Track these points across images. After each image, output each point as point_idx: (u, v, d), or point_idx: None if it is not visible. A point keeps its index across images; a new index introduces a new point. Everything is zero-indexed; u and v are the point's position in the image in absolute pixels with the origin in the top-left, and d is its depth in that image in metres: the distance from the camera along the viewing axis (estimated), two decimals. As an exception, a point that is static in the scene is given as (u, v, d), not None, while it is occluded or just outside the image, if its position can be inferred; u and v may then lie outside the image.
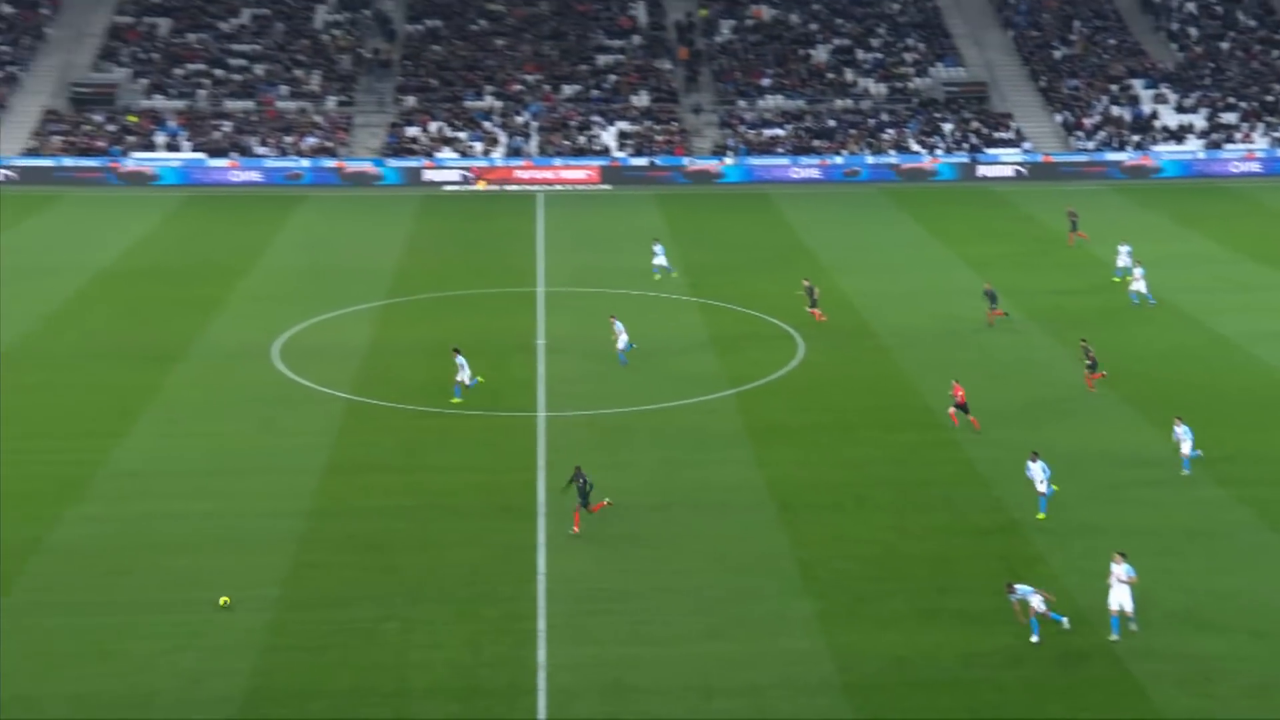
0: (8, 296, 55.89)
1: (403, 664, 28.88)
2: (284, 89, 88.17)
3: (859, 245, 66.56)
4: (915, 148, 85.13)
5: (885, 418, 42.73)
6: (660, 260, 59.01)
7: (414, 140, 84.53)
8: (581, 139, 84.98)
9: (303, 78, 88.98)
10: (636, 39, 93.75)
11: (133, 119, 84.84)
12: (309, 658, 29.12)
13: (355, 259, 63.15)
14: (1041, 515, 35.39)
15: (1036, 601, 29.54)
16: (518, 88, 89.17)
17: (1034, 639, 29.48)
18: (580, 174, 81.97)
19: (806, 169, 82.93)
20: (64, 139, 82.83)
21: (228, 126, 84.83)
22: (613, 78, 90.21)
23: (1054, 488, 35.75)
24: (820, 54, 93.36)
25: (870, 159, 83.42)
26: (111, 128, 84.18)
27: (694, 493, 37.25)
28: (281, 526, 34.98)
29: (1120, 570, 29.74)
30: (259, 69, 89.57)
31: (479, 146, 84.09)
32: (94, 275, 59.76)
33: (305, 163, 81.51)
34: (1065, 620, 29.85)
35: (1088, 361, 44.98)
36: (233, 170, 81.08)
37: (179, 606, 30.98)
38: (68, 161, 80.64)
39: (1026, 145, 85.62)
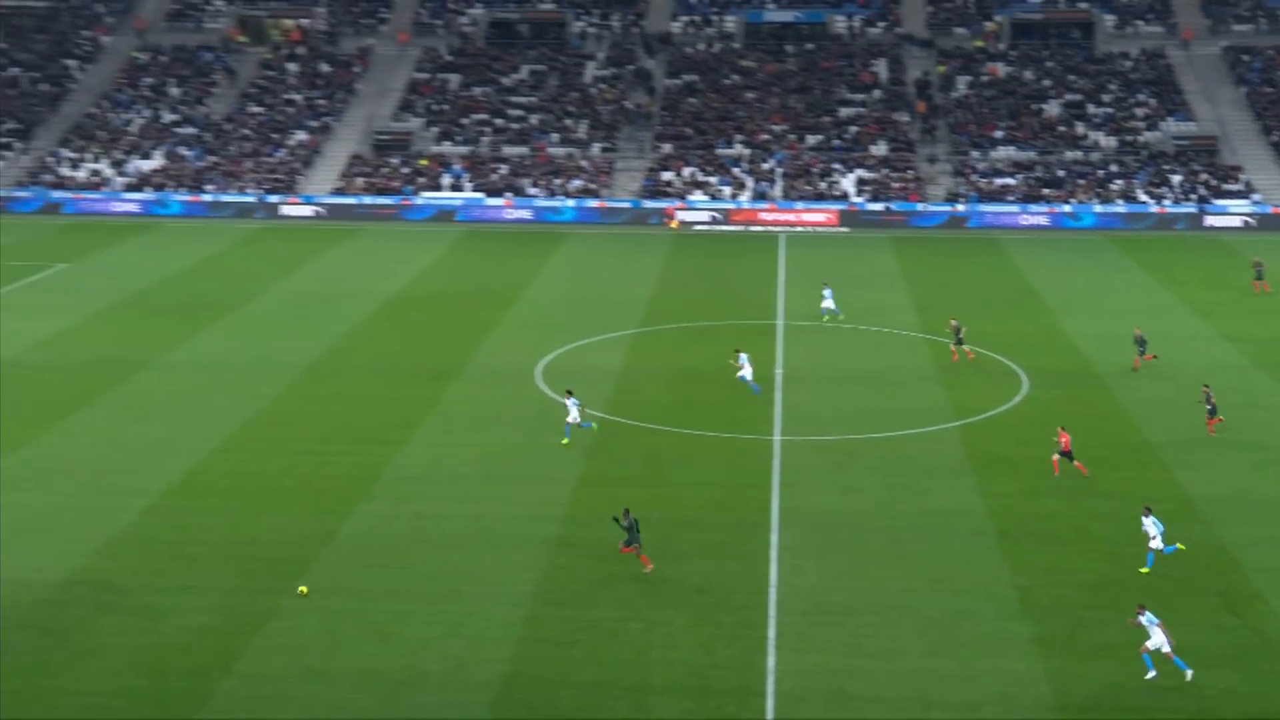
0: (314, 317, 58.56)
1: (643, 661, 29.14)
2: (555, 136, 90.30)
3: (1084, 289, 64.56)
4: (1143, 198, 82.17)
5: (1105, 453, 41.31)
6: (829, 303, 57.57)
7: (669, 184, 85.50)
8: (822, 185, 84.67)
9: (571, 126, 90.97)
10: (877, 93, 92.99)
11: (424, 163, 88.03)
12: (559, 651, 29.63)
13: (612, 291, 64.08)
14: (1145, 570, 33.03)
15: (1159, 639, 27.73)
16: (765, 137, 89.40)
17: (1149, 675, 27.88)
18: (820, 217, 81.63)
19: (1035, 216, 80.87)
20: (365, 180, 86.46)
21: (504, 169, 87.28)
22: (854, 129, 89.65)
23: (1178, 545, 33.51)
24: (1052, 108, 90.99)
25: (1098, 208, 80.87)
26: (405, 170, 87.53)
27: (917, 517, 36.66)
28: (539, 530, 35.71)
29: None
30: (534, 118, 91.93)
31: (727, 190, 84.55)
32: (384, 300, 62.06)
33: (571, 202, 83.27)
34: (1189, 672, 27.95)
35: (1208, 406, 42.69)
36: (507, 209, 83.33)
37: (448, 598, 31.92)
38: (367, 200, 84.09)
39: (1256, 197, 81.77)
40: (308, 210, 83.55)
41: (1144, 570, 33.21)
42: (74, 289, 63.90)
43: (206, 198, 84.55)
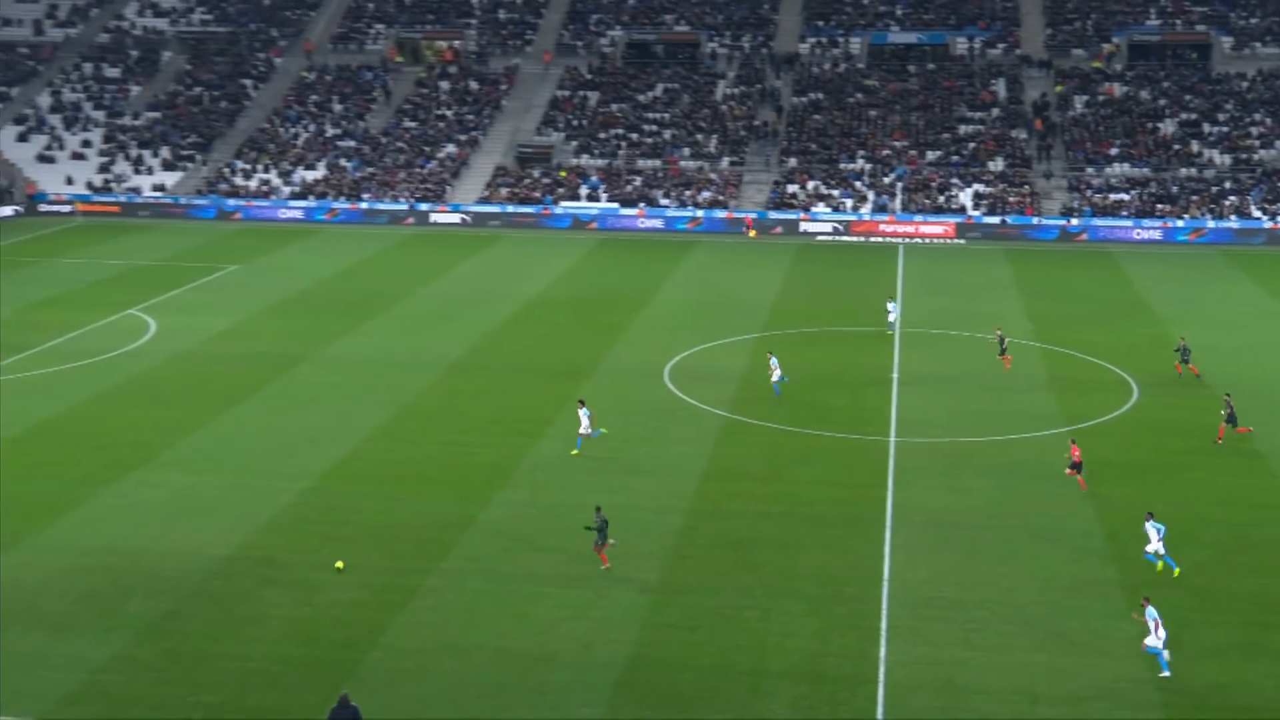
0: (459, 318, 59.35)
1: (760, 648, 28.97)
2: (686, 150, 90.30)
3: (1195, 301, 62.62)
4: (1256, 214, 79.39)
5: (1213, 461, 40.00)
6: (892, 317, 56.22)
7: (793, 196, 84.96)
8: (941, 198, 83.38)
9: (702, 141, 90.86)
10: (996, 111, 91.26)
11: (563, 174, 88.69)
12: (681, 635, 29.58)
13: (737, 297, 63.87)
14: (1174, 569, 32.08)
15: (1161, 635, 27.37)
16: (886, 152, 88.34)
17: (1164, 674, 27.45)
18: (938, 229, 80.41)
19: (1149, 230, 78.63)
20: (509, 190, 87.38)
21: (638, 181, 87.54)
22: (972, 145, 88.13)
23: (1176, 566, 32.16)
24: (1168, 127, 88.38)
25: (1211, 223, 78.35)
26: (546, 181, 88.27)
27: (1027, 518, 35.87)
28: (664, 521, 35.70)
29: None
30: (667, 133, 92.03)
31: (849, 203, 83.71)
32: (524, 303, 62.62)
33: (700, 213, 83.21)
34: (1168, 673, 27.25)
35: (1224, 413, 41.52)
36: (640, 218, 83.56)
37: (578, 582, 32.06)
38: (510, 208, 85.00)
39: (1369, 213, 78.57)
40: (455, 218, 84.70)
41: (1173, 570, 32.12)
42: (243, 288, 65.64)
43: (363, 205, 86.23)
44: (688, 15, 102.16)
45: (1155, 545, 32.28)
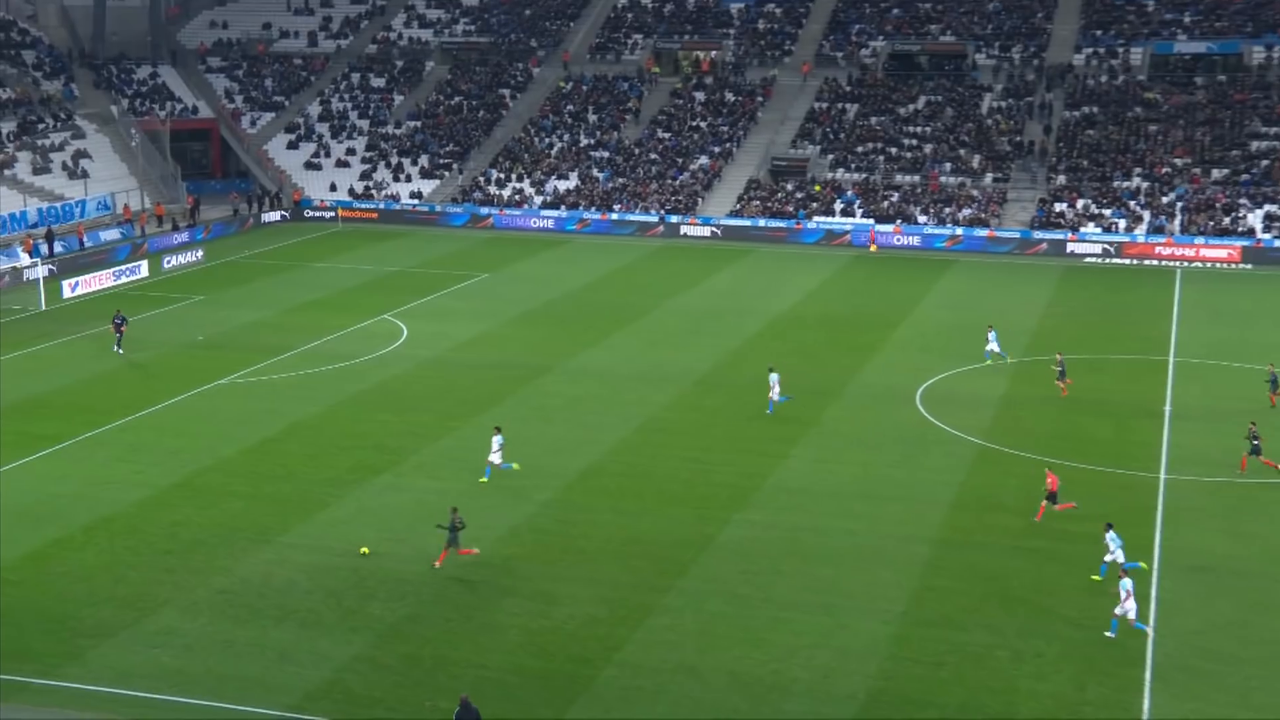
0: (705, 332, 59.67)
1: (1010, 690, 27.97)
2: (947, 166, 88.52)
3: None
4: None
5: None
6: (993, 346, 53.35)
7: (1060, 215, 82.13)
8: (1226, 220, 79.13)
9: (965, 157, 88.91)
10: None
11: (818, 188, 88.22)
12: (925, 671, 28.86)
13: (998, 319, 62.18)
14: (1098, 577, 32.64)
15: (1129, 605, 28.81)
16: (1166, 170, 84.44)
17: (1109, 634, 29.30)
18: (1221, 253, 76.32)
19: None
20: (761, 203, 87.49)
21: (895, 197, 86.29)
22: (1265, 163, 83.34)
23: (1140, 564, 32.96)
24: None
25: None
26: (799, 195, 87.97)
27: (1316, 570, 33.55)
28: (911, 550, 34.96)
29: None
30: (927, 148, 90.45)
31: (1122, 223, 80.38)
32: (772, 319, 62.48)
33: (959, 231, 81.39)
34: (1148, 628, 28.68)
35: (1253, 442, 39.45)
36: (895, 235, 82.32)
37: (818, 609, 31.68)
38: (761, 222, 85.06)
39: None
40: (705, 230, 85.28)
41: (1096, 578, 32.68)
42: (492, 296, 67.68)
43: (613, 216, 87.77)
44: (954, 25, 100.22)
45: (1117, 556, 32.62)
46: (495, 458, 40.01)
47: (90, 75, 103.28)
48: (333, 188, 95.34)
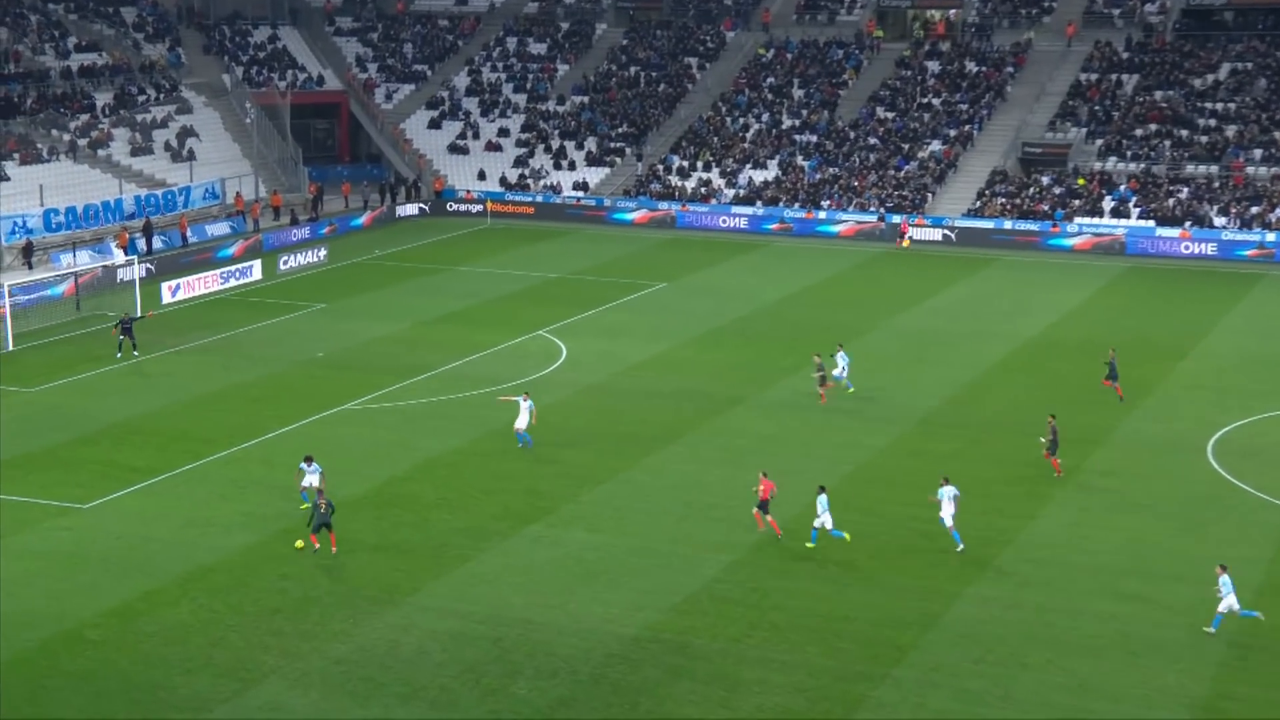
0: (934, 360, 59.01)
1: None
2: (1256, 153, 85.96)
3: None
4: None
5: None
6: (839, 371, 53.08)
7: (1403, 218, 79.15)
8: None
9: None
10: None
11: (1081, 182, 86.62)
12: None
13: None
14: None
15: (1230, 600, 32.29)
16: None
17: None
18: None
19: None
20: (1006, 200, 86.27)
21: (1184, 193, 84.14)
22: None
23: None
24: None
25: None
26: (1058, 190, 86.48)
27: None
28: (1201, 646, 33.92)
29: None
30: (1230, 130, 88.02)
31: None
32: (1020, 344, 61.50)
33: (1272, 236, 78.99)
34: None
35: None
36: (1183, 241, 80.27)
37: (1073, 713, 30.97)
38: (1007, 224, 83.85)
39: None
40: (935, 233, 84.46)
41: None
42: (670, 310, 68.07)
43: (821, 215, 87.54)
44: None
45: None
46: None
47: (199, 38, 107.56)
48: (481, 176, 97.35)
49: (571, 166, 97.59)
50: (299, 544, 39.27)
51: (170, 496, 43.89)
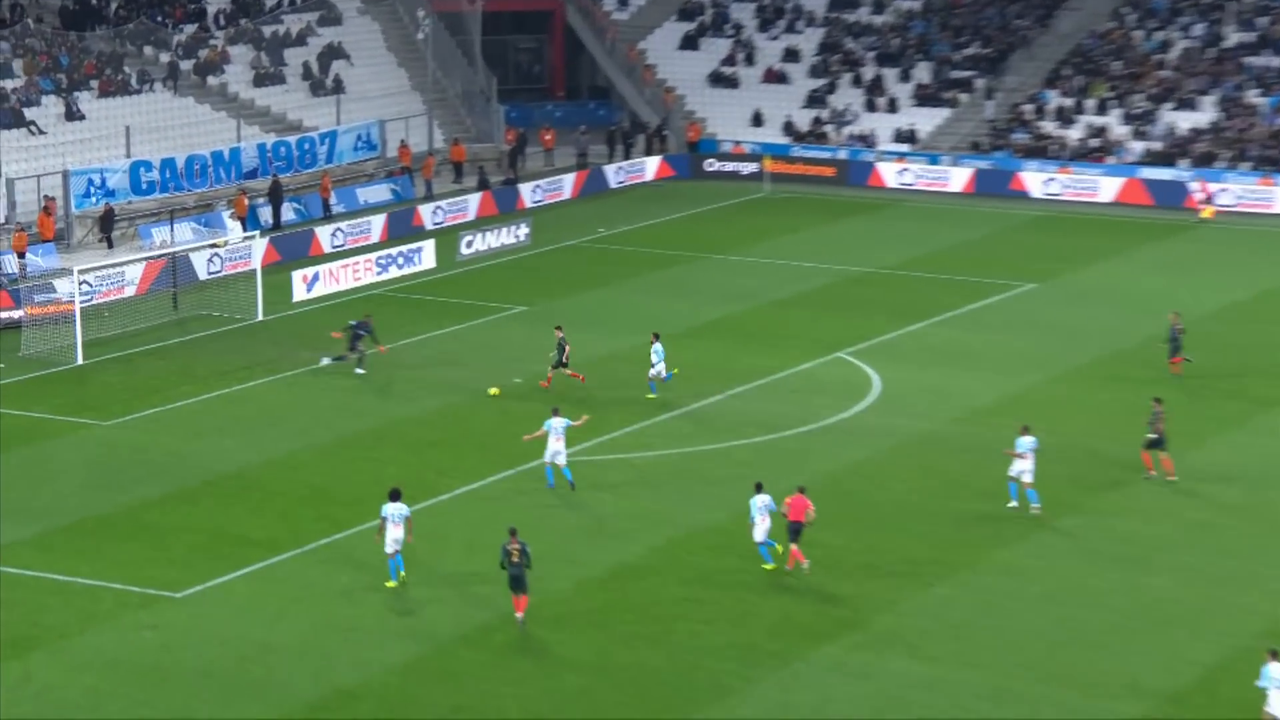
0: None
1: None
2: None
3: None
4: None
5: None
6: (658, 368, 57.71)
7: None
8: None
9: None
10: None
11: None
12: None
13: None
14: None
15: None
16: None
17: None
18: None
19: None
20: None
21: None
22: None
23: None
24: None
25: None
26: None
27: None
28: None
29: None
30: None
31: None
32: None
33: None
34: None
35: None
36: None
37: None
38: None
39: None
40: None
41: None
42: (1039, 325, 67.40)
43: None
44: None
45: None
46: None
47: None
48: (757, 120, 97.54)
49: (892, 107, 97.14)
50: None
51: (298, 584, 44.38)
